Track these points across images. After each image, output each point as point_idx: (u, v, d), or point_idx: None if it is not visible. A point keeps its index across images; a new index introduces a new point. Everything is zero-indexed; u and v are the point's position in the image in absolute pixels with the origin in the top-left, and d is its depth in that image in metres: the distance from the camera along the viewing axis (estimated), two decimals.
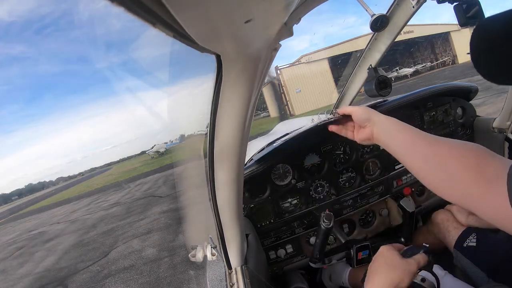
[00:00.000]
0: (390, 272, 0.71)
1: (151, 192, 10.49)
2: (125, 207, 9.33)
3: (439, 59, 30.80)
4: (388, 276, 0.70)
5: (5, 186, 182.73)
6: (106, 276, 4.25)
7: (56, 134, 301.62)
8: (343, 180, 1.45)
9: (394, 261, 0.73)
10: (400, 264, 0.71)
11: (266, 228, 1.39)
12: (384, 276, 0.71)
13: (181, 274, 3.59)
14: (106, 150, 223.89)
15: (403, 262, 0.72)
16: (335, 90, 14.17)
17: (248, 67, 0.47)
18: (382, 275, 0.72)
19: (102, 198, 14.11)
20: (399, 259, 0.73)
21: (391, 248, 0.77)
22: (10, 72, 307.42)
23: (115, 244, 5.67)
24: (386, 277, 0.70)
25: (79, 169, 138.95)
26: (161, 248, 4.63)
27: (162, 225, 5.91)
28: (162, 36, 0.31)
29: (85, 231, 7.73)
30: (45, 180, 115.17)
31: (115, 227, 7.10)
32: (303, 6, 0.57)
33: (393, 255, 0.74)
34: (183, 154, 1.34)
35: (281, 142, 1.41)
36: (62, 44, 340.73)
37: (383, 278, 0.71)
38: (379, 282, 0.71)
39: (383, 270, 0.72)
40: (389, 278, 0.70)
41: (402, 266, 0.71)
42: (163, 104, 0.66)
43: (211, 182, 0.73)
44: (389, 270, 0.71)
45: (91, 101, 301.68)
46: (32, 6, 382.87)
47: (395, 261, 0.72)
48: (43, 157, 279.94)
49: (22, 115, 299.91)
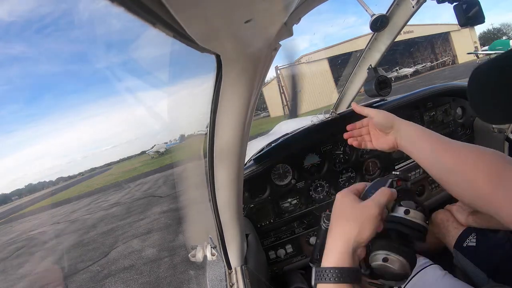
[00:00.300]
0: (344, 224, 0.56)
1: (151, 192, 10.49)
2: (125, 207, 9.33)
3: (439, 59, 30.82)
4: (342, 231, 0.56)
5: (5, 186, 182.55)
6: (106, 276, 4.25)
7: (56, 134, 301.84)
8: (343, 180, 1.45)
9: (347, 209, 0.58)
10: (354, 212, 0.56)
11: (266, 228, 1.39)
12: (338, 231, 0.56)
13: (181, 274, 3.59)
14: (106, 150, 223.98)
15: (358, 208, 0.56)
16: (335, 90, 14.18)
17: (248, 67, 0.47)
18: (336, 230, 0.57)
19: (102, 198, 14.11)
20: (354, 205, 0.58)
21: (346, 192, 0.61)
22: (10, 72, 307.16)
23: (115, 244, 5.67)
24: (341, 232, 0.56)
25: (79, 169, 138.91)
26: (161, 248, 4.63)
27: (162, 225, 5.91)
28: (162, 36, 0.31)
29: (85, 231, 7.73)
30: (45, 180, 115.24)
31: (115, 227, 7.10)
32: (303, 6, 0.57)
33: (347, 202, 0.59)
34: (183, 154, 1.34)
35: (281, 142, 1.41)
36: (62, 44, 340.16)
37: (337, 234, 0.56)
38: (333, 241, 0.56)
39: (337, 224, 0.58)
40: (344, 232, 0.55)
41: (356, 214, 0.56)
42: (163, 104, 0.66)
43: (211, 182, 0.73)
44: (342, 223, 0.57)
45: (91, 101, 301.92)
46: (32, 6, 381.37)
47: (349, 209, 0.57)
48: (43, 157, 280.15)
49: (22, 115, 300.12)
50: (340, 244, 0.54)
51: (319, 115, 1.53)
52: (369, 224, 0.54)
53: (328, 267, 0.53)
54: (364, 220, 0.54)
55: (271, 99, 29.04)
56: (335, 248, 0.55)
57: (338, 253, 0.54)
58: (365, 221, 0.54)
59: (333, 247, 0.55)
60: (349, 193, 0.61)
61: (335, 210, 0.61)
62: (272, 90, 26.34)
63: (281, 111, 25.21)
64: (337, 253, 0.54)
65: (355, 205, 0.58)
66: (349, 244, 0.54)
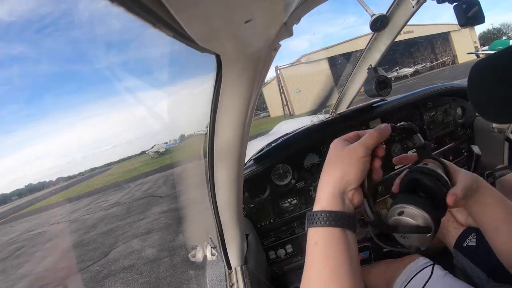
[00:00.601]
0: (330, 168, 0.54)
1: (151, 192, 10.49)
2: (125, 207, 9.34)
3: (439, 59, 30.83)
4: (329, 175, 0.54)
5: (5, 186, 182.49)
6: (106, 276, 4.25)
7: (56, 134, 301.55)
8: None
9: (335, 154, 0.55)
10: (341, 155, 0.54)
11: (266, 228, 1.39)
12: (325, 176, 0.54)
13: (181, 274, 3.59)
14: (106, 150, 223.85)
15: (344, 151, 0.54)
16: (335, 90, 14.19)
17: (248, 67, 0.47)
18: (324, 176, 0.55)
19: (102, 198, 14.11)
20: (341, 149, 0.55)
21: (337, 140, 0.58)
22: (10, 72, 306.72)
23: (115, 244, 5.67)
24: (327, 176, 0.54)
25: (79, 169, 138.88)
26: (161, 248, 4.63)
27: (162, 225, 5.92)
28: (162, 36, 0.31)
29: (85, 231, 7.73)
30: (45, 180, 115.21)
31: (115, 227, 7.10)
32: (303, 6, 0.57)
33: (336, 148, 0.56)
34: (183, 154, 1.35)
35: (281, 142, 1.41)
36: (62, 44, 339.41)
37: (324, 178, 0.54)
38: (322, 186, 0.54)
39: (325, 170, 0.55)
40: (330, 176, 0.53)
41: (343, 157, 0.53)
42: (163, 104, 0.66)
43: (211, 182, 0.73)
44: (329, 167, 0.55)
45: (91, 101, 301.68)
46: (32, 6, 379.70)
47: (336, 154, 0.55)
48: (43, 157, 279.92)
49: (22, 115, 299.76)
50: (327, 188, 0.53)
51: (319, 115, 1.53)
52: (355, 165, 0.52)
53: (318, 211, 0.52)
54: (349, 162, 0.53)
55: (271, 99, 29.05)
56: (323, 193, 0.53)
57: (326, 196, 0.52)
58: (350, 162, 0.52)
59: (321, 192, 0.54)
60: (339, 140, 0.58)
61: (326, 159, 0.58)
62: (272, 90, 26.36)
63: (281, 111, 25.22)
64: (325, 197, 0.52)
65: (343, 148, 0.55)
66: (335, 186, 0.52)
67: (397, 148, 1.47)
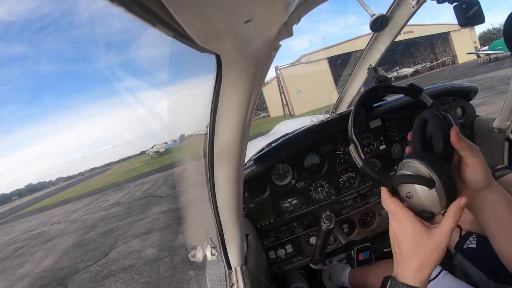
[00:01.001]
0: (411, 255, 0.54)
1: (151, 192, 10.49)
2: (125, 207, 9.34)
3: (439, 59, 30.84)
4: (411, 263, 0.54)
5: (5, 186, 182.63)
6: (106, 276, 4.25)
7: (56, 134, 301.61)
8: (343, 180, 1.45)
9: (417, 241, 0.53)
10: (423, 244, 0.52)
11: (266, 228, 1.39)
12: (406, 260, 0.55)
13: (181, 274, 3.59)
14: (106, 150, 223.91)
15: (429, 240, 0.52)
16: (335, 90, 14.19)
17: (248, 67, 0.46)
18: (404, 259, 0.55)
19: (102, 198, 14.11)
20: (424, 234, 0.52)
21: (413, 220, 0.53)
22: (10, 72, 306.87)
23: (115, 244, 5.67)
24: (409, 263, 0.54)
25: (79, 169, 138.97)
26: (161, 248, 4.63)
27: (162, 225, 5.92)
28: (162, 36, 0.31)
29: (85, 231, 7.74)
30: (45, 180, 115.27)
31: (115, 227, 7.10)
32: (303, 6, 0.57)
33: (417, 231, 0.53)
34: (183, 154, 1.34)
35: (281, 142, 1.41)
36: (62, 44, 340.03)
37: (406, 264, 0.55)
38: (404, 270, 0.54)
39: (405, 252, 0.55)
40: (414, 265, 0.53)
41: (425, 246, 0.52)
42: (163, 104, 0.66)
43: (211, 182, 0.73)
44: (409, 253, 0.54)
45: (91, 101, 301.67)
46: (32, 6, 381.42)
47: (418, 241, 0.53)
48: (43, 157, 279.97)
49: (22, 115, 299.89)
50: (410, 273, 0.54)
51: (319, 115, 1.53)
52: (437, 257, 0.53)
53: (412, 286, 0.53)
54: (431, 253, 0.53)
55: (271, 99, 29.06)
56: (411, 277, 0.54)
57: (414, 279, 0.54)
58: (432, 254, 0.53)
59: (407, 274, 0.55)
60: (415, 221, 0.54)
61: (399, 237, 0.56)
62: (272, 90, 26.37)
63: (281, 111, 25.23)
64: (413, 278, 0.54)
65: (425, 236, 0.53)
66: (418, 273, 0.53)
67: (397, 148, 1.47)
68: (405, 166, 0.56)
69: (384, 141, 1.44)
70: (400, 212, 0.55)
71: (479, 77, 13.06)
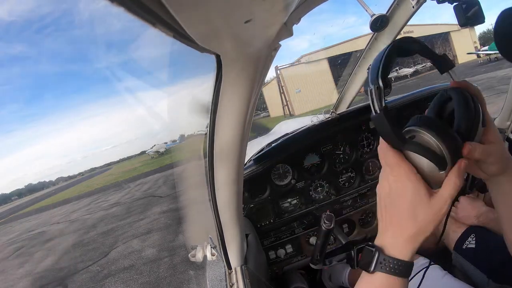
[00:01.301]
0: (405, 218, 0.47)
1: (151, 192, 10.49)
2: (125, 207, 9.34)
3: None
4: (404, 224, 0.47)
5: (5, 186, 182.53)
6: (106, 276, 4.25)
7: (56, 134, 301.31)
8: (343, 180, 1.45)
9: (416, 201, 0.45)
10: (422, 205, 0.45)
11: (266, 228, 1.39)
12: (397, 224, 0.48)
13: (181, 274, 3.59)
14: (106, 150, 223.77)
15: (430, 203, 0.45)
16: (335, 90, 14.18)
17: (248, 67, 0.46)
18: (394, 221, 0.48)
19: (102, 198, 14.11)
20: (424, 197, 0.45)
21: (416, 180, 0.46)
22: (10, 72, 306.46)
23: (115, 244, 5.67)
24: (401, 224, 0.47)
25: (79, 169, 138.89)
26: (161, 248, 4.63)
27: (162, 225, 5.92)
28: (162, 36, 0.31)
29: (85, 231, 7.74)
30: (45, 180, 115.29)
31: (115, 227, 7.10)
32: (303, 6, 0.57)
33: (417, 192, 0.45)
34: (183, 154, 1.34)
35: (281, 142, 1.41)
36: (62, 44, 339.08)
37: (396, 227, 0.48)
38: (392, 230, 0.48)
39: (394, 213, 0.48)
40: (406, 227, 0.46)
41: (424, 208, 0.45)
42: (163, 104, 0.66)
43: (211, 182, 0.73)
44: (403, 216, 0.47)
45: (91, 101, 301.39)
46: (32, 6, 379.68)
47: (416, 202, 0.45)
48: (43, 157, 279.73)
49: (22, 115, 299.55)
50: (400, 238, 0.47)
51: (319, 115, 1.53)
52: (436, 222, 0.46)
53: (396, 259, 0.46)
54: (429, 218, 0.45)
55: (271, 99, 29.04)
56: (396, 241, 0.47)
57: (400, 246, 0.47)
58: (430, 220, 0.45)
59: (393, 238, 0.48)
60: (417, 182, 0.46)
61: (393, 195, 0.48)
62: (272, 90, 26.35)
63: (281, 111, 25.22)
64: (399, 246, 0.47)
65: (425, 199, 0.45)
66: (409, 241, 0.46)
67: None
68: (416, 134, 0.47)
69: None
70: (402, 166, 0.46)
71: (479, 77, 13.06)
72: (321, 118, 1.48)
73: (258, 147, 1.70)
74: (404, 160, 0.47)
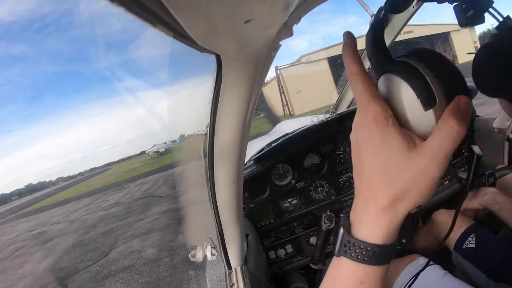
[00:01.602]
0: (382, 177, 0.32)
1: (151, 192, 10.49)
2: (125, 207, 9.34)
3: None
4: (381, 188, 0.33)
5: (5, 186, 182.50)
6: (106, 276, 4.25)
7: (56, 134, 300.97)
8: (343, 180, 1.45)
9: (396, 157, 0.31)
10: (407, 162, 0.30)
11: (266, 228, 1.39)
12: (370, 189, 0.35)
13: (181, 274, 3.59)
14: (106, 150, 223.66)
15: (415, 161, 0.30)
16: (335, 90, 14.18)
17: (248, 67, 0.47)
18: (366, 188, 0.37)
19: (102, 198, 14.11)
20: (406, 150, 0.30)
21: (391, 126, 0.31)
22: (10, 72, 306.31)
23: (115, 244, 5.67)
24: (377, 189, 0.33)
25: (79, 169, 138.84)
26: (161, 248, 4.63)
27: (162, 225, 5.91)
28: (162, 36, 0.31)
29: (85, 231, 7.74)
30: (45, 180, 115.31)
31: (115, 227, 7.10)
32: (303, 6, 0.57)
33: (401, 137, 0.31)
34: (183, 154, 1.34)
35: (281, 142, 1.41)
36: (62, 44, 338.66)
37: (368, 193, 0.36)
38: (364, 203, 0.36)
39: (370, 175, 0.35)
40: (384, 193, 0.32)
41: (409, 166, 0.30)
42: (163, 104, 0.66)
43: (211, 182, 0.73)
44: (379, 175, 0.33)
45: (91, 101, 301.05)
46: (33, 5, 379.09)
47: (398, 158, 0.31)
48: (43, 157, 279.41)
49: (22, 115, 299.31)
50: (373, 210, 0.33)
51: (319, 115, 1.53)
52: (428, 189, 0.30)
53: (367, 243, 0.33)
54: (417, 181, 0.30)
55: (271, 99, 29.02)
56: (367, 217, 0.34)
57: (372, 224, 0.33)
58: (419, 182, 0.30)
59: (363, 213, 0.35)
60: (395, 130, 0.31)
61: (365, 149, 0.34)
62: (272, 90, 26.35)
63: (281, 111, 25.21)
64: (371, 225, 0.33)
65: (407, 152, 0.30)
66: (387, 211, 0.32)
67: None
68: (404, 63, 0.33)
69: None
70: (372, 102, 0.31)
71: None
72: (321, 118, 1.48)
73: (258, 147, 1.70)
74: (375, 93, 0.32)
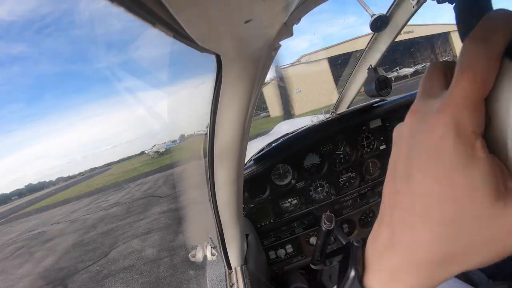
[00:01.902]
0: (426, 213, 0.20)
1: (151, 192, 10.49)
2: (125, 207, 9.33)
3: (439, 59, 30.83)
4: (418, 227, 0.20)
5: (5, 186, 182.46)
6: (106, 276, 4.25)
7: (56, 134, 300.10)
8: (343, 180, 1.45)
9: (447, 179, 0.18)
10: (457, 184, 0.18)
11: (266, 228, 1.39)
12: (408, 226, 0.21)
13: (181, 274, 3.59)
14: (106, 150, 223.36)
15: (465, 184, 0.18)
16: (335, 90, 14.16)
17: (248, 67, 0.46)
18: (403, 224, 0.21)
19: (102, 198, 14.11)
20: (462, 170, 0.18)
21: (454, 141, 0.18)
22: (10, 72, 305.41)
23: (115, 244, 5.67)
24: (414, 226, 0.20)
25: (79, 169, 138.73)
26: (161, 248, 4.63)
27: (162, 225, 5.91)
28: (162, 36, 0.31)
29: (85, 231, 7.74)
30: (45, 180, 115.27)
31: (115, 227, 7.10)
32: (303, 6, 0.57)
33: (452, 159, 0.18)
34: (183, 154, 1.35)
35: (281, 142, 1.41)
36: (62, 44, 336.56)
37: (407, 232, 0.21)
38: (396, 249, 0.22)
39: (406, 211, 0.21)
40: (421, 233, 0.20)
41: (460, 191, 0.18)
42: (163, 104, 0.66)
43: (211, 182, 0.73)
44: None
45: (91, 101, 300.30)
46: (33, 5, 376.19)
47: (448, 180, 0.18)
48: (43, 157, 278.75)
49: (22, 115, 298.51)
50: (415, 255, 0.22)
51: (319, 115, 1.53)
52: None
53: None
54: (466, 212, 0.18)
55: (271, 99, 29.03)
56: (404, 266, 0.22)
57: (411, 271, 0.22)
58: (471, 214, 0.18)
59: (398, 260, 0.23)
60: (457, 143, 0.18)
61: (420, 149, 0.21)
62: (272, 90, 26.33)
63: (281, 111, 25.21)
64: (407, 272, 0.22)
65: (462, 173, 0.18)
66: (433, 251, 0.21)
67: None
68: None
69: (384, 141, 1.44)
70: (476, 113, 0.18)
71: None
72: (321, 118, 1.48)
73: (258, 147, 1.70)
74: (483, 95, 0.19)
